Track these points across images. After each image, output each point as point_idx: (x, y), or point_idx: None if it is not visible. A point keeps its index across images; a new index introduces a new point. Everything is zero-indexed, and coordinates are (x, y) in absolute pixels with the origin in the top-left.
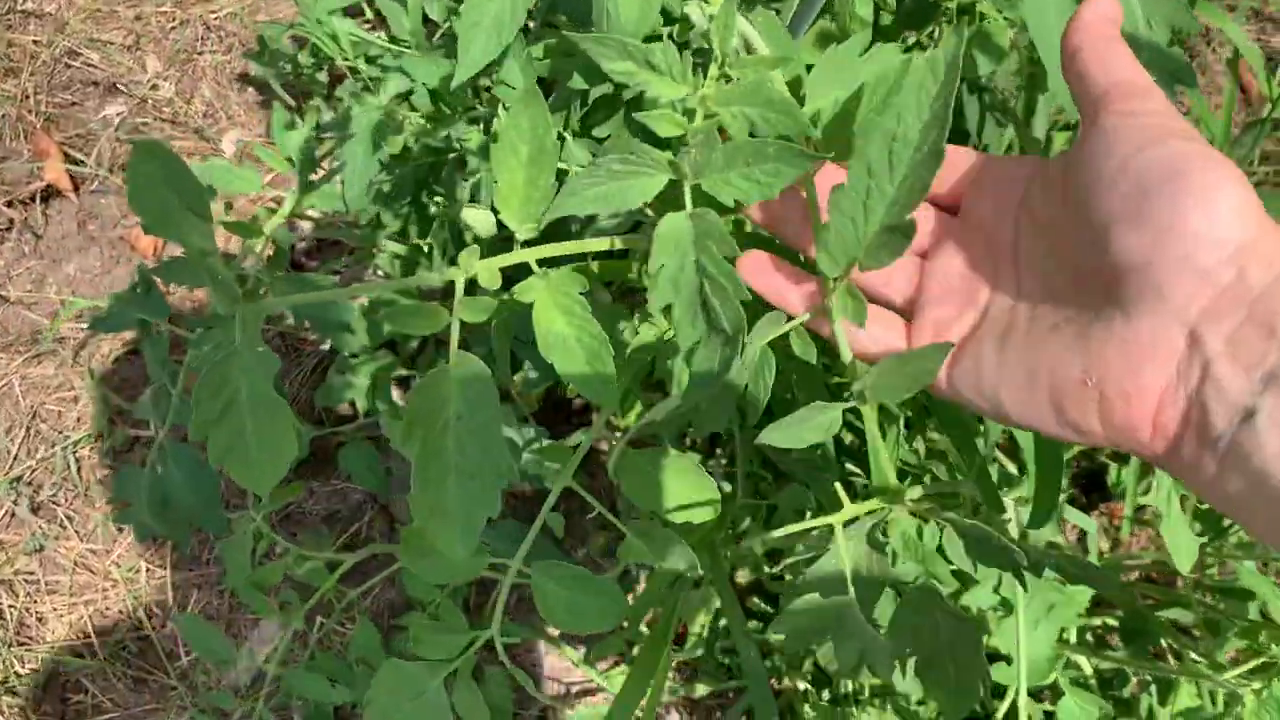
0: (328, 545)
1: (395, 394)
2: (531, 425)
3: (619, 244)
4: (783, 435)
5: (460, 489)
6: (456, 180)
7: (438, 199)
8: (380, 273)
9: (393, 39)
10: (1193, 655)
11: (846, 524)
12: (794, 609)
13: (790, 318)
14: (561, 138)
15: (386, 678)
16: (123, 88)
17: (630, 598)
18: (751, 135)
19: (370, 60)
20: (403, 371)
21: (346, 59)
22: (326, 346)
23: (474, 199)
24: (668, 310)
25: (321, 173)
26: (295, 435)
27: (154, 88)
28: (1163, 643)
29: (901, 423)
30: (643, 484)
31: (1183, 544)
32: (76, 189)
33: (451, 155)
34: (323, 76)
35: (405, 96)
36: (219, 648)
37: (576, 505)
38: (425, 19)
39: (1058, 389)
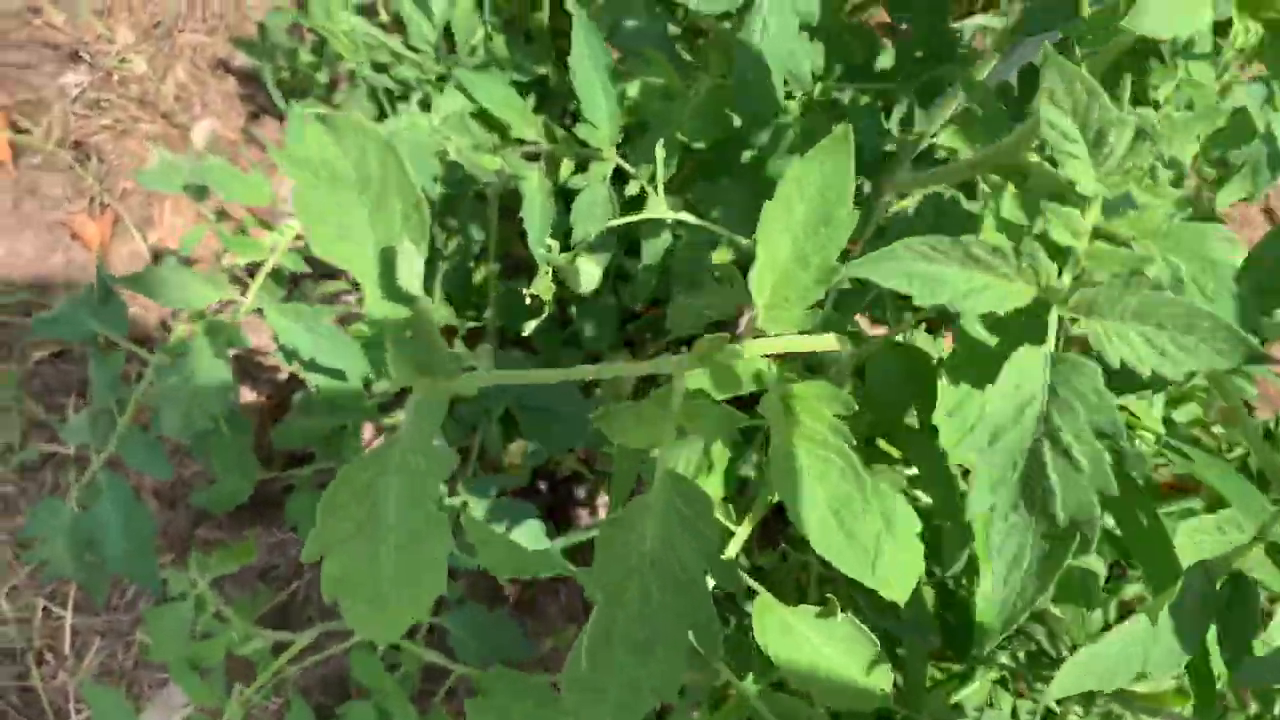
0: (263, 604)
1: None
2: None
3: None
4: None
5: (632, 658)
6: (476, 219)
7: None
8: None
9: (409, 46)
10: None
11: None
12: None
13: None
14: (640, 196)
15: None
16: (86, 56)
17: None
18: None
19: (379, 68)
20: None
21: (359, 61)
22: (285, 375)
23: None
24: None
25: None
26: (444, 571)
27: (123, 61)
28: None
29: None
30: (793, 650)
31: None
32: (16, 161)
33: (475, 191)
34: (322, 76)
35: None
36: None
37: (539, 589)
38: (447, 30)
39: None
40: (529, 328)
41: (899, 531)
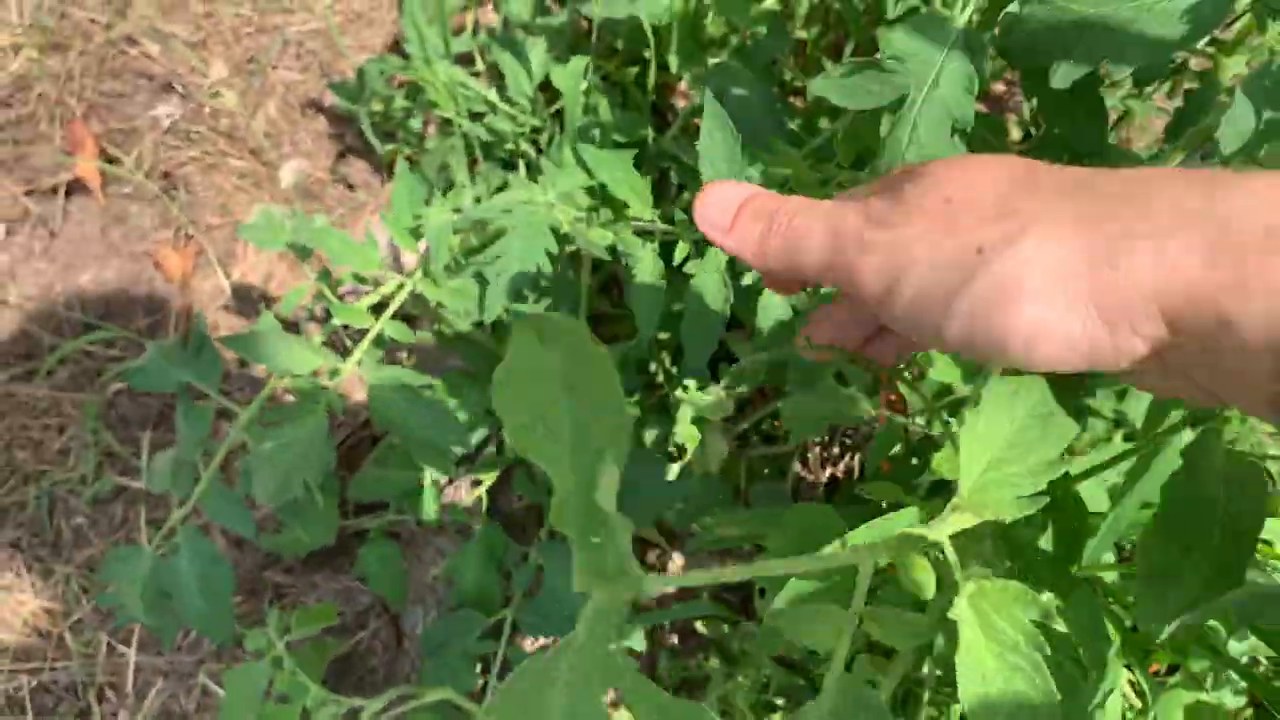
0: (330, 654)
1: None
2: None
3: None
4: None
5: None
6: (564, 281)
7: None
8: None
9: (505, 98)
10: None
11: None
12: None
13: None
14: (755, 286)
15: None
16: (179, 88)
17: None
18: None
19: (474, 116)
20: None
21: (456, 111)
22: (359, 421)
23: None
24: None
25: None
26: None
27: (215, 94)
28: None
29: None
30: None
31: None
32: (106, 189)
33: (570, 252)
34: (415, 123)
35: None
36: None
37: None
38: (546, 84)
39: None
40: (673, 471)
41: None
